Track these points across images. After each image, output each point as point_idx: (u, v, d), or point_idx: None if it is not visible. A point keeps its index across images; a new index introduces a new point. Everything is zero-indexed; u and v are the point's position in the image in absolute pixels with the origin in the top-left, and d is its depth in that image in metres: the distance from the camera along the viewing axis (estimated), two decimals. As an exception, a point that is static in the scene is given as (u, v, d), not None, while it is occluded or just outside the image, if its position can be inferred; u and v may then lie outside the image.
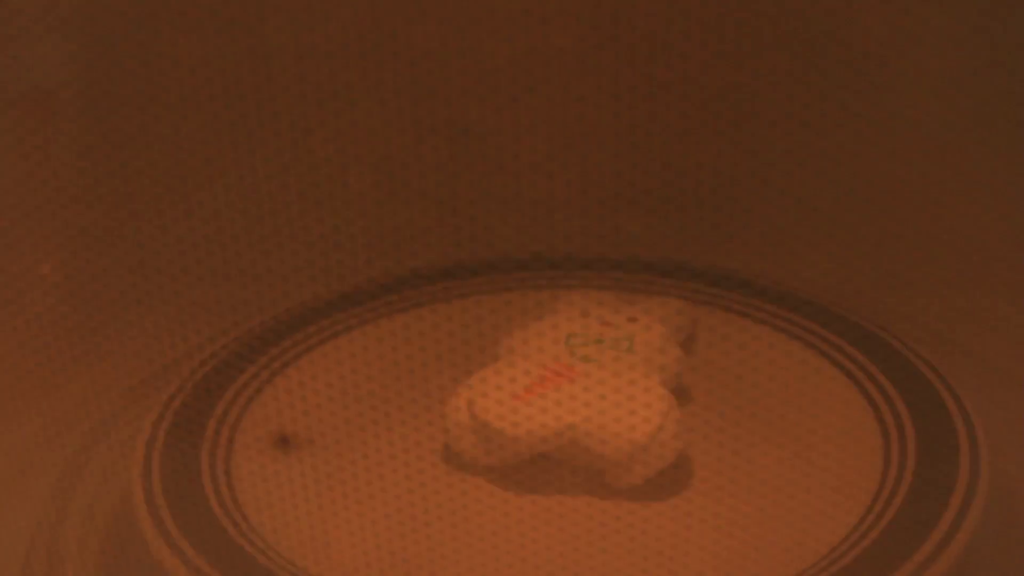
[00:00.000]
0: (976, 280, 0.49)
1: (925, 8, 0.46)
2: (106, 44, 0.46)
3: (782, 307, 0.49)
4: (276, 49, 0.47)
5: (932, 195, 0.48)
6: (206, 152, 0.48)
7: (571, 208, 0.50)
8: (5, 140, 0.45)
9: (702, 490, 0.43)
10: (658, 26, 0.48)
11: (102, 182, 0.48)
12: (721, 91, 0.50)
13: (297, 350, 0.48)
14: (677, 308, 0.49)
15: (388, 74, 0.49)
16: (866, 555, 0.37)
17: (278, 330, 0.49)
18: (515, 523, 0.42)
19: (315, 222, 0.50)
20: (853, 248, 0.50)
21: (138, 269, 0.48)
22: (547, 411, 0.42)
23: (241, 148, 0.48)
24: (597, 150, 0.51)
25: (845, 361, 0.45)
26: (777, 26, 0.49)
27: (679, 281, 0.51)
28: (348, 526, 0.41)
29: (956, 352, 0.48)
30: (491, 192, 0.51)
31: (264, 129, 0.48)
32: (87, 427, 0.47)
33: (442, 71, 0.49)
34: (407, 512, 0.42)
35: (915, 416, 0.42)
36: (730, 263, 0.51)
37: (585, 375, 0.44)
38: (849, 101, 0.48)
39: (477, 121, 0.51)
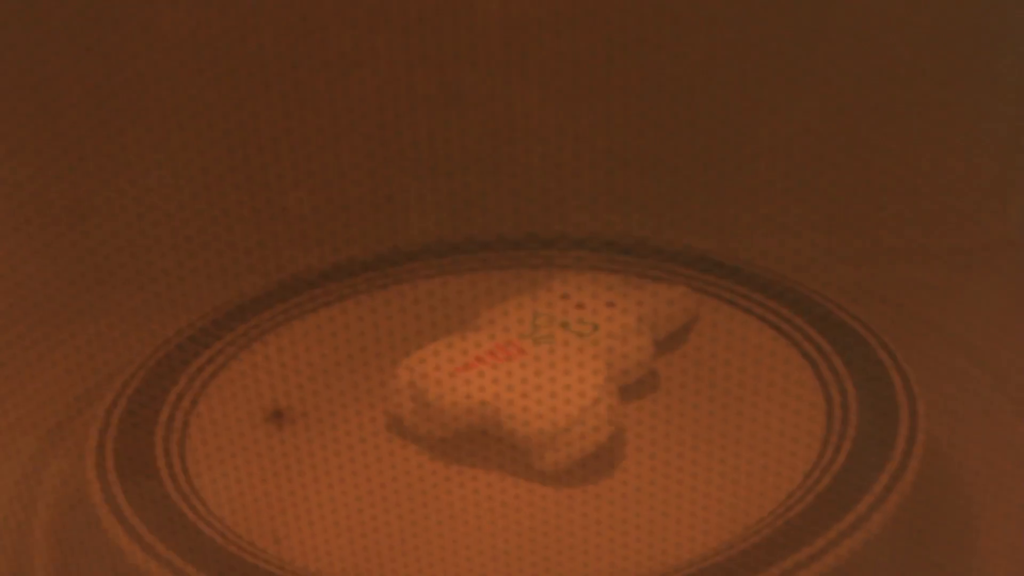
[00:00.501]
0: (939, 252, 0.50)
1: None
2: (42, 28, 0.45)
3: (741, 285, 0.50)
4: (248, 21, 0.47)
5: (896, 176, 0.49)
6: (174, 130, 0.47)
7: (563, 180, 0.50)
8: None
9: (637, 472, 0.43)
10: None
11: (45, 176, 0.47)
12: (709, 68, 0.50)
13: (263, 328, 0.49)
14: (681, 293, 0.49)
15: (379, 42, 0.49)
16: (804, 514, 0.37)
17: (251, 307, 0.50)
18: (429, 494, 0.42)
19: (296, 199, 0.51)
20: (813, 223, 0.50)
21: (101, 256, 0.47)
22: (476, 386, 0.43)
23: (201, 123, 0.47)
24: (587, 116, 0.51)
25: (797, 335, 0.46)
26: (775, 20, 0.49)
27: (659, 262, 0.51)
28: (290, 495, 0.42)
29: (914, 322, 0.49)
30: (485, 164, 0.51)
31: (227, 103, 0.48)
32: (52, 422, 0.47)
33: (434, 37, 0.49)
34: (347, 478, 0.42)
35: (859, 387, 0.43)
36: (699, 242, 0.52)
37: (528, 355, 0.44)
38: (812, 83, 0.49)
39: (469, 88, 0.51)
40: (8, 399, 0.46)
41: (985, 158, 0.48)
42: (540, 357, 0.44)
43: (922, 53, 0.47)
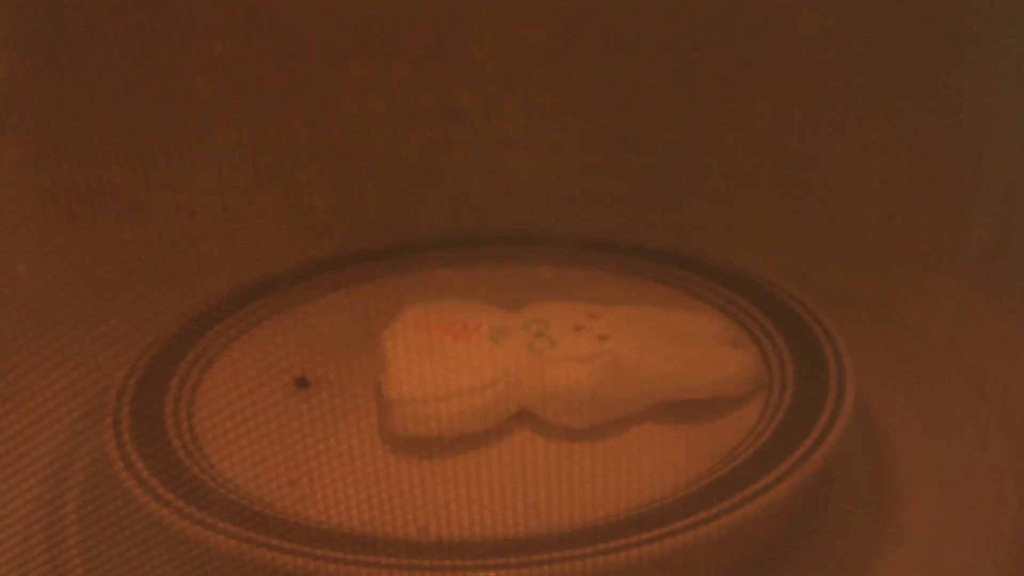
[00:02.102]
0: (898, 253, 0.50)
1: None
2: (54, 48, 0.46)
3: (701, 275, 0.52)
4: (282, 49, 0.48)
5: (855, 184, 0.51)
6: (196, 135, 0.49)
7: (546, 184, 0.52)
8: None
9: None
10: (622, 26, 0.50)
11: (65, 179, 0.47)
12: (678, 83, 0.52)
13: (274, 306, 0.51)
14: (730, 362, 0.45)
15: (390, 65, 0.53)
16: (752, 459, 0.40)
17: (271, 286, 0.52)
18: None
19: (320, 199, 0.53)
20: (779, 226, 0.53)
21: (120, 256, 0.48)
22: (397, 344, 0.46)
23: (242, 134, 0.48)
24: (569, 129, 0.54)
25: (738, 312, 0.49)
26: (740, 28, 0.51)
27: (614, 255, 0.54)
28: (280, 442, 0.43)
29: (868, 312, 0.51)
30: (481, 170, 0.53)
31: (264, 118, 0.49)
32: (86, 404, 0.48)
33: (438, 63, 0.53)
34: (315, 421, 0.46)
35: (797, 358, 0.45)
36: (672, 241, 0.54)
37: (467, 342, 0.46)
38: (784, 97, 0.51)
39: (467, 105, 0.54)
40: (44, 381, 0.45)
41: (953, 166, 0.48)
42: (471, 347, 0.46)
43: (883, 64, 0.48)
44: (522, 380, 0.45)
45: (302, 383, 0.49)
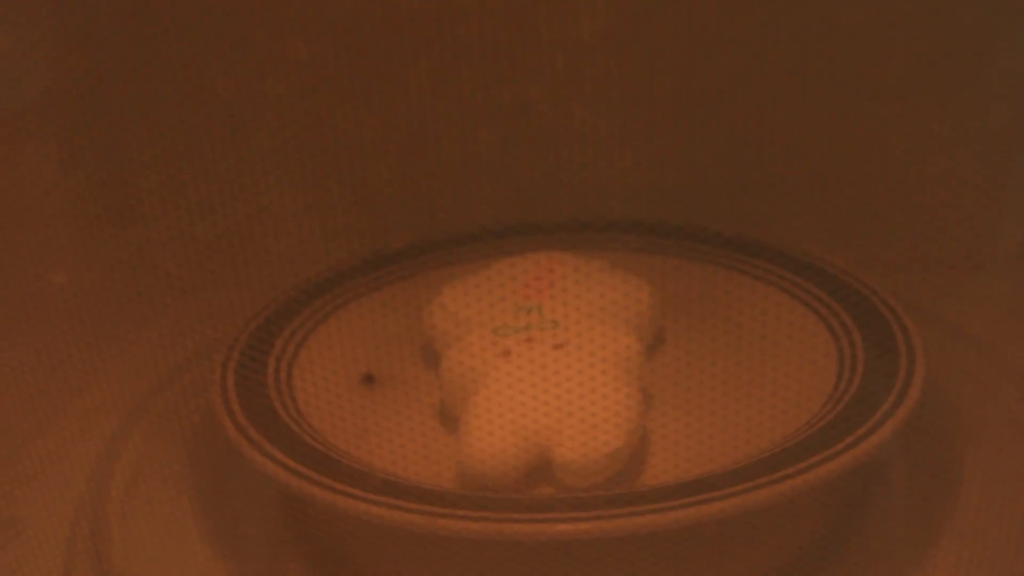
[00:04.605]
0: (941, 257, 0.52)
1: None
2: (99, 51, 0.47)
3: (770, 262, 0.52)
4: (352, 47, 0.50)
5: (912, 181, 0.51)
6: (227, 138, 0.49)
7: (611, 177, 0.53)
8: (18, 150, 0.45)
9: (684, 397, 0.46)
10: (688, 19, 0.51)
11: (103, 188, 0.49)
12: (745, 74, 0.53)
13: (351, 295, 0.53)
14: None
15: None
16: (828, 427, 0.41)
17: (351, 273, 0.54)
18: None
19: (388, 189, 0.54)
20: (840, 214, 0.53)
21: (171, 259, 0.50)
22: (498, 267, 0.50)
23: (310, 132, 0.50)
24: (632, 124, 0.54)
25: (812, 300, 0.49)
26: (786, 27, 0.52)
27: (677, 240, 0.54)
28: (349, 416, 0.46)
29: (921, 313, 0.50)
30: (546, 163, 0.54)
31: (333, 115, 0.51)
32: (134, 402, 0.50)
33: (507, 60, 0.53)
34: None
35: (866, 337, 0.46)
36: (754, 232, 0.55)
37: (515, 297, 0.49)
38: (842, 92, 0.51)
39: (536, 99, 0.54)
40: (94, 380, 0.49)
41: (989, 165, 0.49)
42: (496, 302, 0.48)
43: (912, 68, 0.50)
44: (439, 353, 0.48)
45: (368, 379, 0.50)
